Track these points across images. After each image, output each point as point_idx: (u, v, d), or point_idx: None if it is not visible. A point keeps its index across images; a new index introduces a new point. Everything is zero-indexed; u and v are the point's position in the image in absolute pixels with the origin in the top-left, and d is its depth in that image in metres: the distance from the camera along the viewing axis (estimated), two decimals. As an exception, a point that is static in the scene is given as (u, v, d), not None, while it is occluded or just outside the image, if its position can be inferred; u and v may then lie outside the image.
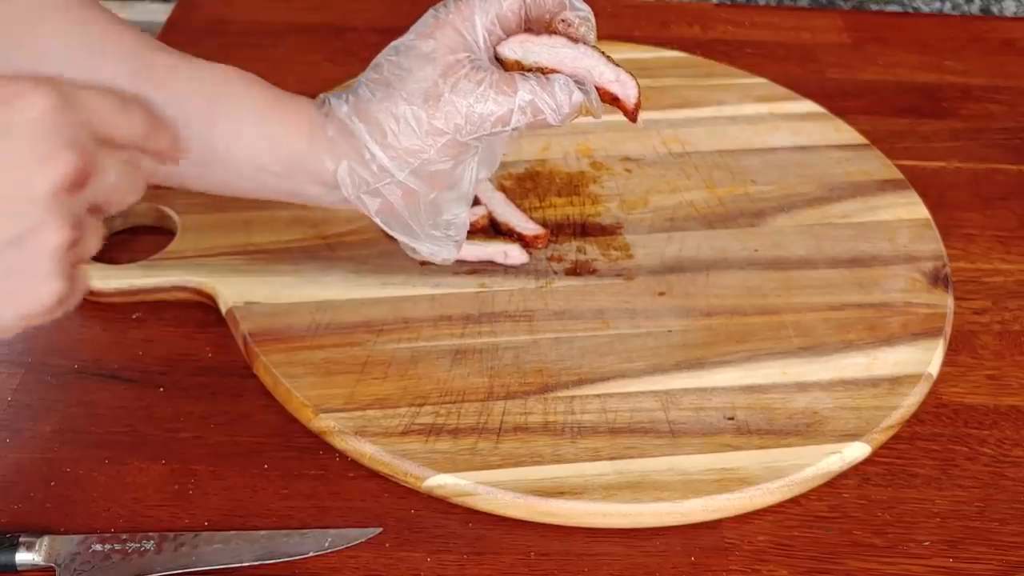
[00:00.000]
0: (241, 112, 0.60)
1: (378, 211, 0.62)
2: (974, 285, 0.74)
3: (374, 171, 0.60)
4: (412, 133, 0.59)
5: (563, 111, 0.59)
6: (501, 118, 0.59)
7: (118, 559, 0.56)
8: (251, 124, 0.60)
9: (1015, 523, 0.60)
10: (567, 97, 0.59)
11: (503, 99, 0.59)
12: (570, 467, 0.59)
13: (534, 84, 0.59)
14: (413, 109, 0.59)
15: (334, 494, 0.60)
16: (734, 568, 0.57)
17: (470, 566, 0.57)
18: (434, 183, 0.61)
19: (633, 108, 0.61)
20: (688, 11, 1.03)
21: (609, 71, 0.60)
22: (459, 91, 0.59)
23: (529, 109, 0.59)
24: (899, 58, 0.97)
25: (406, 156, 0.60)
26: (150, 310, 0.70)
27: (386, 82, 0.60)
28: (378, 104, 0.59)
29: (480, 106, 0.59)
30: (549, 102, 0.59)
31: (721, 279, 0.72)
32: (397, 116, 0.59)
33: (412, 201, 0.62)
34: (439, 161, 0.60)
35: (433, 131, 0.59)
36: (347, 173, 0.60)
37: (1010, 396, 0.67)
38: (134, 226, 0.76)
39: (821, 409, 0.63)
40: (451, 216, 0.63)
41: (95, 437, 0.63)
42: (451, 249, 0.65)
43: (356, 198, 0.61)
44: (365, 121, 0.60)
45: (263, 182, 0.61)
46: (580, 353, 0.66)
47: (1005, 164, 0.85)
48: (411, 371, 0.65)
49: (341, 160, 0.60)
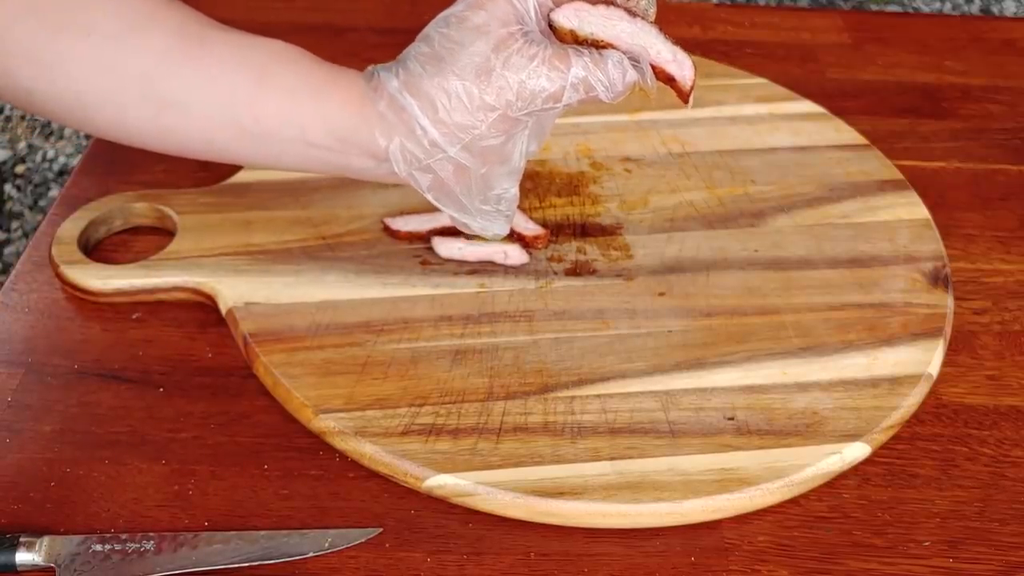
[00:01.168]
0: (291, 85, 0.59)
1: (430, 187, 0.61)
2: (974, 285, 0.74)
3: (425, 147, 0.60)
4: (464, 109, 0.58)
5: (616, 89, 0.58)
6: (553, 95, 0.58)
7: (118, 559, 0.56)
8: (301, 98, 0.59)
9: (1015, 523, 0.60)
10: (621, 75, 0.58)
11: (556, 75, 0.58)
12: (570, 467, 0.59)
13: (587, 61, 0.58)
14: (465, 84, 0.58)
15: (334, 494, 0.60)
16: (734, 568, 0.57)
17: (470, 566, 0.57)
18: (485, 158, 0.60)
19: (689, 89, 0.59)
20: (688, 11, 1.03)
21: (666, 49, 0.58)
22: (511, 66, 0.58)
23: (582, 86, 0.58)
24: (899, 58, 0.97)
25: (457, 132, 0.59)
26: (150, 310, 0.70)
27: (437, 56, 0.59)
28: (429, 79, 0.59)
29: (532, 82, 0.58)
30: (602, 79, 0.58)
31: (721, 279, 0.72)
32: (448, 91, 0.58)
33: (463, 176, 0.61)
34: (490, 136, 0.59)
35: (484, 107, 0.58)
36: (399, 149, 0.60)
37: (1010, 396, 0.67)
38: (134, 226, 0.76)
39: (821, 409, 0.63)
40: (501, 191, 0.63)
41: (95, 437, 0.63)
42: (502, 224, 0.64)
43: (407, 174, 0.61)
44: (416, 96, 0.59)
45: (312, 156, 0.61)
46: (580, 353, 0.66)
47: (1005, 164, 0.85)
48: (411, 371, 0.65)
49: (393, 136, 0.60)
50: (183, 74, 0.58)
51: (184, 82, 0.58)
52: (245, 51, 0.59)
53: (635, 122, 0.86)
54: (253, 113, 0.59)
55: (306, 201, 0.76)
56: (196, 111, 0.59)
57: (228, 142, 0.60)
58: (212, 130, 0.60)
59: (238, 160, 0.62)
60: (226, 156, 0.62)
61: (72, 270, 0.71)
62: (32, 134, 2.03)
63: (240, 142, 0.60)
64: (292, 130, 0.60)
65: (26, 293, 0.71)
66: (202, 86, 0.58)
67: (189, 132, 0.60)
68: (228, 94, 0.58)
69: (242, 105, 0.59)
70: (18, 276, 0.73)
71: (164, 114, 0.59)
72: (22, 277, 0.73)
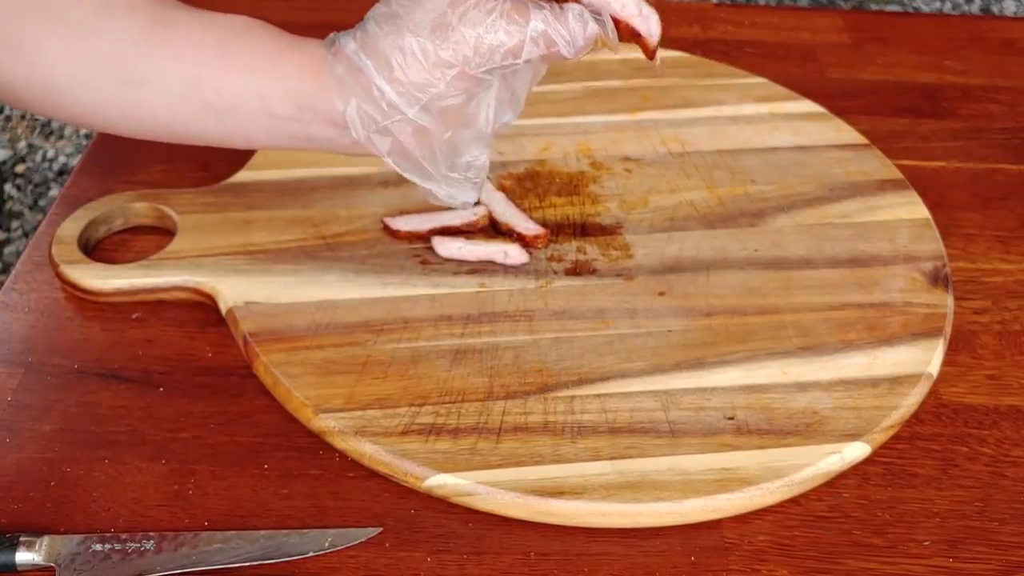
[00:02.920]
0: (251, 59, 0.59)
1: (389, 151, 0.60)
2: (974, 285, 0.74)
3: (383, 108, 0.58)
4: (419, 66, 0.57)
5: (577, 43, 0.57)
6: (512, 49, 0.57)
7: (118, 559, 0.56)
8: (261, 70, 0.59)
9: (1015, 523, 0.60)
10: (582, 28, 0.57)
11: (514, 29, 0.56)
12: (570, 467, 0.59)
13: (547, 14, 0.57)
14: (419, 41, 0.57)
15: (334, 494, 0.60)
16: (734, 568, 0.57)
17: (470, 566, 0.57)
18: (447, 120, 0.59)
19: (654, 46, 0.58)
20: (688, 11, 1.03)
21: (632, 3, 0.57)
22: (468, 21, 0.56)
23: (541, 40, 0.57)
24: (899, 58, 0.97)
25: (414, 91, 0.58)
26: (150, 310, 0.70)
27: (393, 14, 0.58)
28: (385, 38, 0.58)
29: (490, 36, 0.56)
30: (563, 33, 0.57)
31: (721, 279, 0.72)
32: (404, 49, 0.57)
33: (425, 140, 0.60)
34: (450, 96, 0.58)
35: (441, 63, 0.57)
36: (355, 112, 0.59)
37: (1010, 396, 0.67)
38: (134, 226, 0.76)
39: (821, 409, 0.63)
40: (471, 158, 0.62)
41: (95, 437, 0.63)
42: (469, 192, 0.63)
43: (366, 138, 0.60)
44: (372, 57, 0.58)
45: (275, 128, 0.61)
46: (580, 353, 0.66)
47: (1005, 164, 0.85)
48: (411, 371, 0.65)
49: (350, 99, 0.59)
50: (150, 55, 0.58)
51: (151, 63, 0.58)
52: (208, 27, 0.59)
53: (635, 122, 0.86)
54: (216, 88, 0.59)
55: (306, 201, 0.76)
56: (163, 91, 0.59)
57: (194, 119, 0.59)
58: (179, 109, 0.60)
59: (208, 139, 0.62)
60: (196, 135, 0.61)
61: (72, 270, 0.71)
62: (32, 134, 2.03)
63: (206, 118, 0.60)
64: (253, 101, 0.59)
65: (26, 293, 0.71)
66: (168, 65, 0.58)
67: (157, 111, 0.60)
68: (191, 71, 0.58)
69: (205, 81, 0.59)
70: (18, 276, 0.73)
71: (131, 94, 0.59)
72: (22, 277, 0.73)
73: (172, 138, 0.62)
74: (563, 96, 0.88)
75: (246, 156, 0.80)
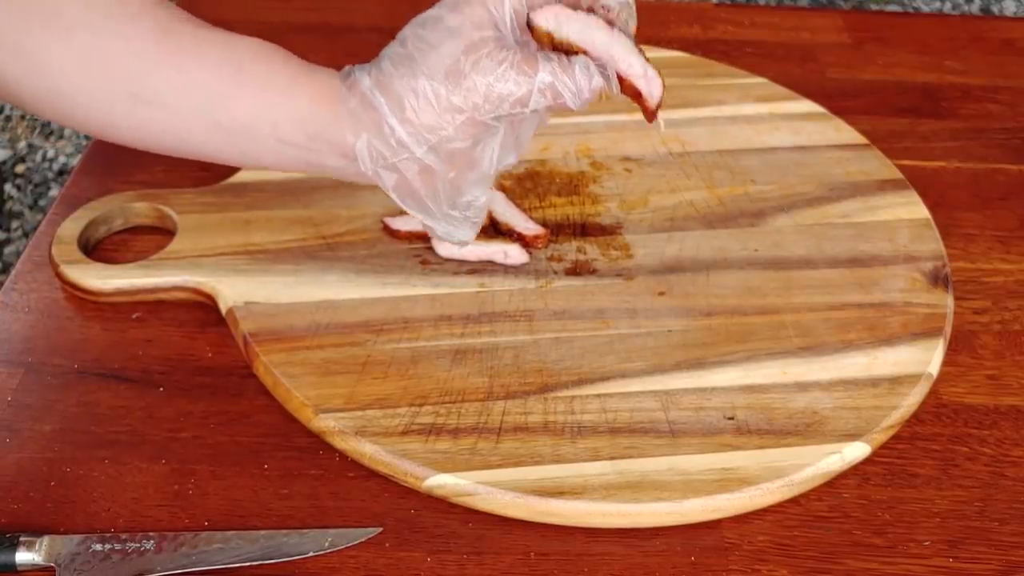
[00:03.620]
0: (265, 82, 0.60)
1: (394, 187, 0.61)
2: (974, 285, 0.74)
3: (392, 145, 0.60)
4: (431, 109, 0.59)
5: (583, 96, 0.59)
6: (520, 99, 0.58)
7: (118, 559, 0.56)
8: (274, 94, 0.60)
9: (1015, 523, 0.60)
10: (587, 81, 0.58)
11: (523, 80, 0.58)
12: (570, 467, 0.59)
13: (555, 66, 0.58)
14: (433, 85, 0.58)
15: (334, 494, 0.60)
16: (734, 568, 0.57)
17: (470, 566, 0.57)
18: (453, 162, 0.61)
19: (655, 108, 0.60)
20: (688, 11, 1.03)
21: (639, 64, 0.59)
22: (480, 69, 0.58)
23: (549, 92, 0.58)
24: (899, 58, 0.97)
25: (424, 132, 0.59)
26: (150, 310, 0.70)
27: (409, 56, 0.59)
28: (400, 79, 0.59)
29: (500, 85, 0.58)
30: (569, 85, 0.58)
31: (721, 279, 0.72)
32: (417, 91, 0.59)
33: (429, 179, 0.61)
34: (458, 139, 0.60)
35: (452, 108, 0.58)
36: (365, 146, 0.60)
37: (1010, 396, 0.67)
38: (134, 226, 0.76)
39: (821, 409, 0.63)
40: (472, 198, 0.63)
41: (95, 437, 0.63)
42: (467, 231, 0.64)
43: (373, 172, 0.61)
44: (386, 95, 0.59)
45: (285, 153, 0.61)
46: (580, 353, 0.66)
47: (1005, 164, 0.85)
48: (411, 371, 0.65)
49: (361, 133, 0.60)
50: (162, 71, 0.59)
51: (162, 79, 0.59)
52: (222, 48, 0.60)
53: (635, 122, 0.85)
54: (228, 109, 0.59)
55: (306, 201, 0.76)
56: (173, 108, 0.59)
57: (204, 139, 0.60)
58: (188, 126, 0.60)
59: (216, 158, 0.62)
60: (204, 153, 0.62)
61: (72, 270, 0.71)
62: (32, 134, 2.03)
63: (216, 138, 0.60)
64: (264, 126, 0.60)
65: (26, 293, 0.71)
66: (179, 83, 0.59)
67: (166, 128, 0.60)
68: (204, 91, 0.59)
69: (218, 102, 0.59)
70: (18, 276, 0.73)
71: (142, 110, 0.59)
72: (22, 277, 0.73)
73: (179, 154, 0.62)
74: (563, 96, 0.88)
75: (246, 156, 0.80)
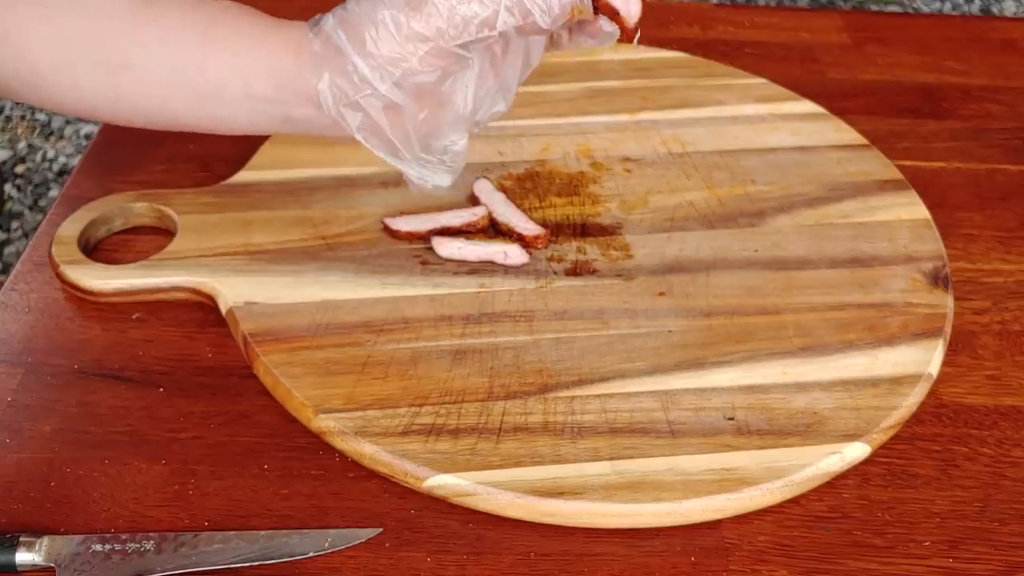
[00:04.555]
0: (233, 42, 0.59)
1: (359, 127, 0.59)
2: (974, 285, 0.74)
3: (355, 83, 0.57)
4: (391, 38, 0.56)
5: (553, 12, 0.56)
6: (486, 20, 0.55)
7: (118, 559, 0.56)
8: (242, 49, 0.59)
9: (1015, 523, 0.60)
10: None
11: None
12: (570, 467, 0.59)
13: None
14: (392, 13, 0.56)
15: (334, 494, 0.60)
16: (734, 568, 0.57)
17: (470, 566, 0.57)
18: (422, 100, 0.58)
19: (633, 27, 0.57)
20: (688, 11, 1.03)
21: None
22: None
23: (516, 9, 0.55)
24: (899, 58, 0.97)
25: (387, 65, 0.57)
26: (150, 310, 0.70)
27: None
28: (361, 13, 0.57)
29: (463, 7, 0.55)
30: (539, 2, 0.55)
31: (721, 279, 0.72)
32: (377, 22, 0.56)
33: (397, 118, 0.59)
34: (424, 72, 0.57)
35: (414, 36, 0.56)
36: (328, 87, 0.58)
37: (1010, 396, 0.67)
38: (134, 226, 0.76)
39: (821, 409, 0.63)
40: (448, 142, 0.61)
41: (95, 437, 0.63)
42: (444, 176, 0.62)
43: (337, 113, 0.59)
44: (347, 31, 0.57)
45: (258, 111, 0.60)
46: (580, 353, 0.66)
47: (1005, 164, 0.85)
48: (411, 371, 0.65)
49: (323, 74, 0.58)
50: (133, 37, 0.58)
51: (134, 45, 0.58)
52: (190, 11, 0.59)
53: (635, 122, 0.86)
54: (200, 71, 0.59)
55: (306, 201, 0.76)
56: (146, 74, 0.59)
57: (180, 105, 0.59)
58: (164, 93, 0.60)
59: (195, 126, 0.62)
60: (183, 122, 0.61)
61: (72, 270, 0.71)
62: (32, 134, 2.03)
63: (189, 103, 0.60)
64: (236, 83, 0.59)
65: (26, 293, 0.71)
66: (151, 48, 0.58)
67: (139, 96, 0.60)
68: (175, 55, 0.58)
69: (189, 64, 0.58)
70: (18, 276, 0.73)
71: (115, 79, 0.59)
72: (22, 277, 0.73)
73: (158, 125, 0.62)
74: (563, 96, 0.88)
75: (246, 156, 0.80)
